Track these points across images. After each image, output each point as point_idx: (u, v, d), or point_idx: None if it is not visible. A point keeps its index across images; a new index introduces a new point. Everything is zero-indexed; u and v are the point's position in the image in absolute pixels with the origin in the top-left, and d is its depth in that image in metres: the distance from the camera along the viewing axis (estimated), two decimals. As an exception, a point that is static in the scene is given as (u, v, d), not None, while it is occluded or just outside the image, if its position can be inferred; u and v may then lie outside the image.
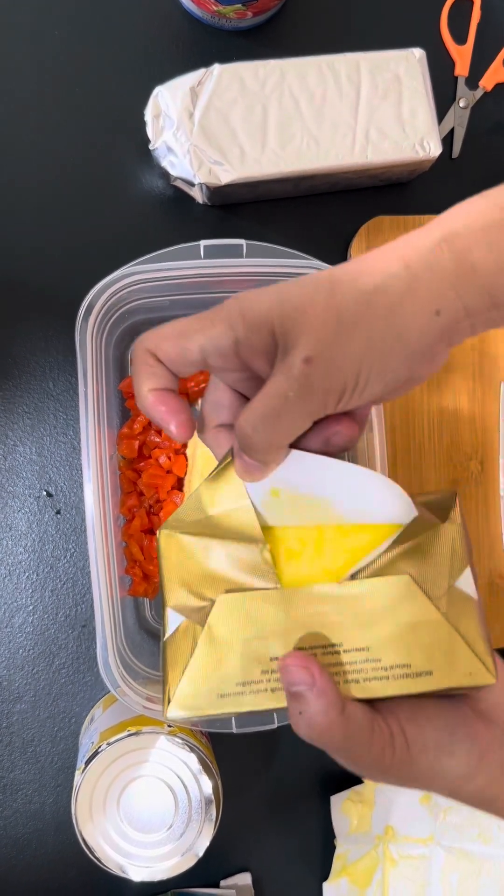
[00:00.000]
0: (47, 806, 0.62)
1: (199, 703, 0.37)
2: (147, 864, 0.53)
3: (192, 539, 0.39)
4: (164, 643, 0.38)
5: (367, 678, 0.37)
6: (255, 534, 0.39)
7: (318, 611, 0.38)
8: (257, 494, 0.39)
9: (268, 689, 0.37)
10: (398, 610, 0.38)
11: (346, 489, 0.39)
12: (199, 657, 0.37)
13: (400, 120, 0.59)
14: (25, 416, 0.62)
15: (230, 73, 0.58)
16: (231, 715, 0.37)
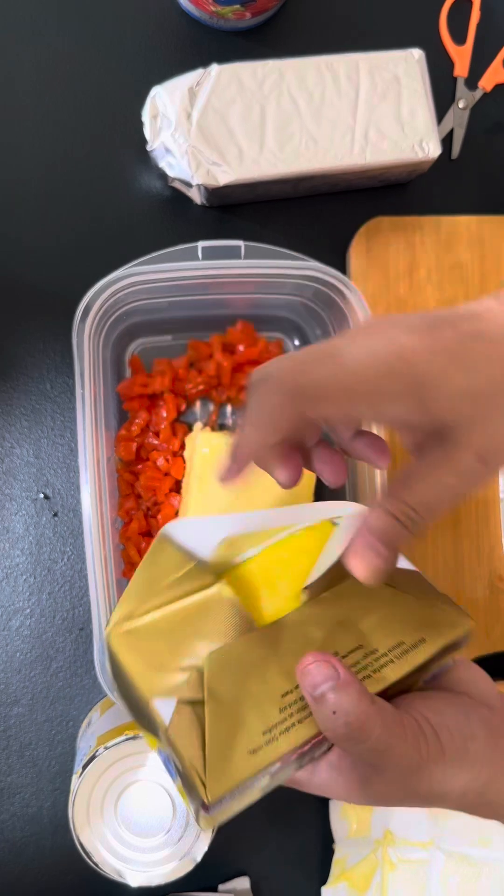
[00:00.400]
0: (45, 810, 0.61)
1: (236, 771, 0.34)
2: (145, 868, 0.53)
3: (147, 618, 0.37)
4: (167, 737, 0.35)
5: (375, 669, 0.37)
6: (207, 581, 0.38)
7: (301, 633, 0.38)
8: (206, 551, 0.38)
9: (294, 722, 0.36)
10: (367, 603, 0.39)
11: (289, 514, 0.40)
12: (214, 725, 0.35)
13: (399, 120, 0.59)
14: (23, 418, 0.62)
15: (228, 74, 0.58)
16: (272, 767, 0.35)
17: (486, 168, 0.67)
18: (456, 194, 0.66)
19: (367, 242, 0.63)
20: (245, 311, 0.62)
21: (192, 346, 0.61)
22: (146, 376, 0.61)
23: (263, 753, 0.35)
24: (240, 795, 0.35)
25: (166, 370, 0.61)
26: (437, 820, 0.61)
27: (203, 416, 0.63)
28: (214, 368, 0.61)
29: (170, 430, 0.60)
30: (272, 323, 0.63)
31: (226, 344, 0.61)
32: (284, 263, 0.54)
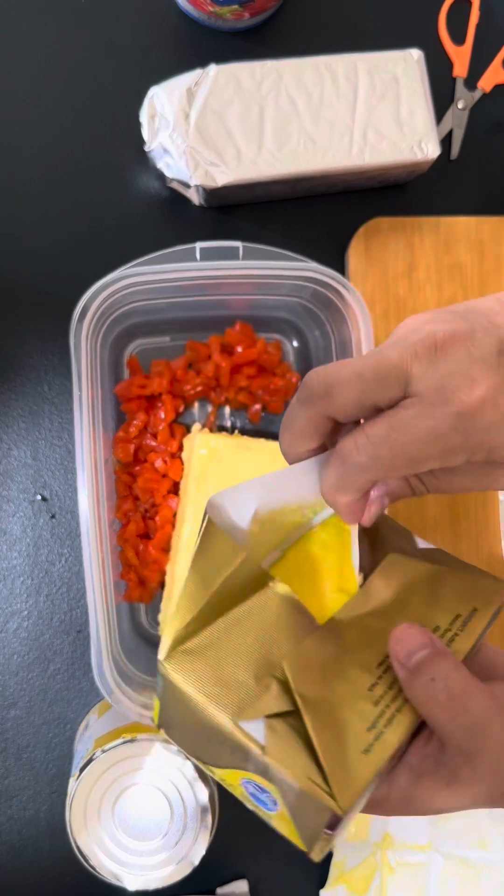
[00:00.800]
0: (42, 813, 0.61)
1: (358, 774, 0.32)
2: (142, 872, 0.53)
3: (205, 633, 0.34)
4: (264, 761, 0.32)
5: (446, 644, 0.36)
6: (261, 578, 0.35)
7: (361, 625, 0.37)
8: (240, 534, 0.36)
9: (394, 711, 0.34)
10: (411, 584, 0.38)
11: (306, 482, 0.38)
12: (320, 733, 0.32)
13: (398, 121, 0.59)
14: (20, 420, 0.62)
15: (226, 74, 0.58)
16: (384, 766, 0.33)
17: (486, 169, 0.66)
18: (455, 195, 0.66)
19: (365, 243, 0.63)
20: (243, 312, 0.61)
21: (191, 347, 0.61)
22: (144, 377, 0.61)
23: (377, 750, 0.33)
24: (361, 801, 0.33)
25: (164, 371, 0.60)
26: (436, 823, 0.60)
27: (201, 417, 0.62)
28: (213, 369, 0.60)
29: (168, 431, 0.60)
30: (271, 324, 0.63)
31: (224, 345, 0.61)
32: (283, 264, 0.54)
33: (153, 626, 0.61)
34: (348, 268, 0.63)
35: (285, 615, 0.35)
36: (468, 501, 0.63)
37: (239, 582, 0.35)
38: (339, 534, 0.39)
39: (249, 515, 0.36)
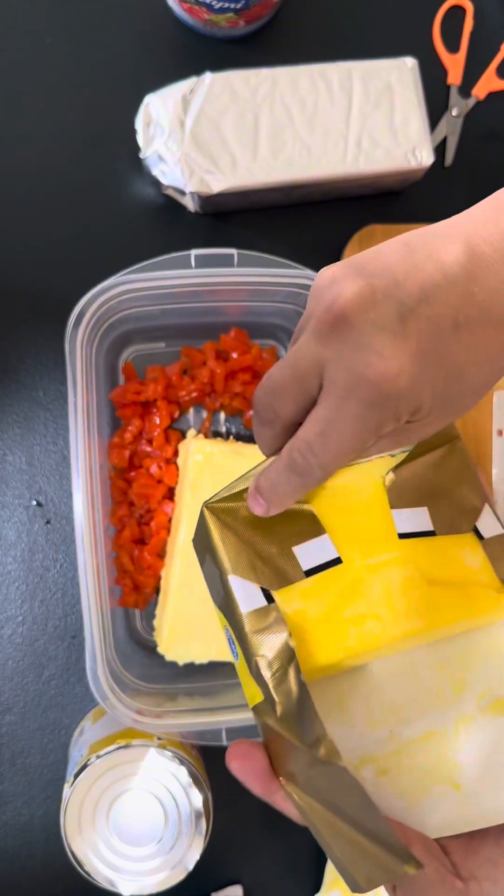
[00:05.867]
0: (36, 818, 0.61)
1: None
2: (136, 877, 0.53)
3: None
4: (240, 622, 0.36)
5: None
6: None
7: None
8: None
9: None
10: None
11: None
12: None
13: (392, 128, 0.59)
14: (15, 426, 0.62)
15: (222, 82, 0.58)
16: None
17: (480, 176, 0.67)
18: (449, 202, 0.66)
19: (360, 250, 0.63)
20: (238, 318, 0.62)
21: (186, 354, 0.61)
22: (139, 383, 0.61)
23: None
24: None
25: (159, 377, 0.61)
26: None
27: (196, 423, 0.63)
28: (208, 375, 0.61)
29: (163, 437, 0.60)
30: (265, 330, 0.63)
31: (219, 351, 0.61)
32: (277, 271, 0.54)
33: (148, 631, 0.61)
34: (343, 274, 0.64)
35: (305, 522, 0.38)
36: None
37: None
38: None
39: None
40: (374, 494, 0.39)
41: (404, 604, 0.37)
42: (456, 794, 0.37)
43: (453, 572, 0.39)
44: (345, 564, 0.38)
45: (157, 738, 0.53)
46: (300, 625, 0.37)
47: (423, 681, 0.38)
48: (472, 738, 0.38)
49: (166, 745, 0.53)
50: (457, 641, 0.38)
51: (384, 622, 0.37)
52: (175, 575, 0.57)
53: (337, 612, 0.37)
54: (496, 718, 0.38)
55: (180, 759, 0.53)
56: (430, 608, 0.38)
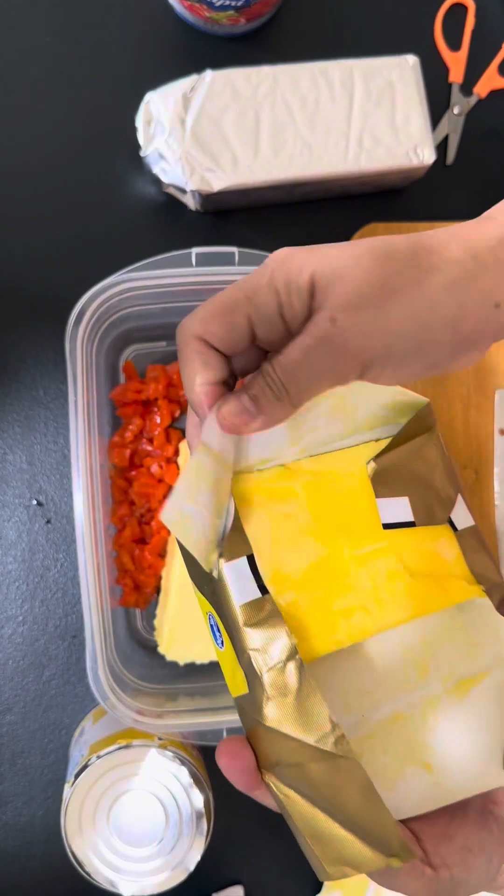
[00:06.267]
0: (37, 819, 0.61)
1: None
2: (137, 878, 0.53)
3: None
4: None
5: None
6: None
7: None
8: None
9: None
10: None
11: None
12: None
13: (393, 127, 0.59)
14: (15, 425, 0.62)
15: (222, 80, 0.58)
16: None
17: (481, 174, 0.67)
18: (451, 200, 0.66)
19: (361, 248, 0.63)
20: (239, 317, 0.61)
21: (186, 353, 0.61)
22: (140, 382, 0.61)
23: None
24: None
25: (160, 376, 0.60)
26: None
27: (197, 422, 0.62)
28: (208, 375, 0.60)
29: (164, 436, 0.60)
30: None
31: (220, 350, 0.61)
32: (278, 270, 0.54)
33: (148, 631, 0.61)
34: (344, 273, 0.64)
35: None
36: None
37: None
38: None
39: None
40: (360, 482, 0.40)
41: (389, 596, 0.38)
42: (428, 775, 0.38)
43: (431, 564, 0.40)
44: (334, 555, 0.38)
45: (157, 739, 0.53)
46: (294, 616, 0.37)
47: (389, 664, 0.38)
48: (439, 719, 0.38)
49: (167, 746, 0.53)
50: (418, 623, 0.39)
51: (371, 614, 0.38)
52: (176, 575, 0.57)
53: (327, 603, 0.37)
54: (461, 698, 0.39)
55: (181, 759, 0.52)
56: (412, 599, 0.38)
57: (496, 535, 0.63)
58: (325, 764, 0.33)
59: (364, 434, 0.41)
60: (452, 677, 0.39)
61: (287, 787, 0.34)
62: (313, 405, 0.39)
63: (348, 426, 0.41)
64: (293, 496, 0.39)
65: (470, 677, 0.39)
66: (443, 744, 0.38)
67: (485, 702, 0.39)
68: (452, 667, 0.39)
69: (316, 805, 0.34)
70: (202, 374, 0.35)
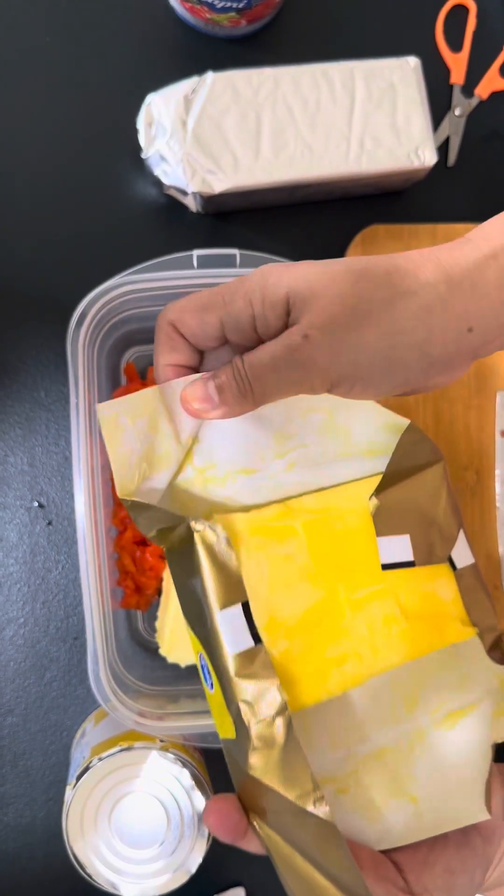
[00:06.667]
0: (38, 821, 0.61)
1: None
2: (139, 880, 0.53)
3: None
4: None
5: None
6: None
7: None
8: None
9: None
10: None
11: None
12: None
13: (395, 128, 0.59)
14: (16, 426, 0.62)
15: (224, 81, 0.58)
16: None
17: (483, 175, 0.67)
18: (452, 202, 0.66)
19: (362, 250, 0.63)
20: (240, 318, 0.61)
21: (188, 354, 0.61)
22: (141, 384, 0.61)
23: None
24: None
25: (161, 378, 0.60)
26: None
27: (198, 424, 0.62)
28: (210, 376, 0.60)
29: (165, 438, 0.60)
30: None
31: (221, 352, 0.61)
32: (280, 272, 0.54)
33: (150, 633, 0.61)
34: (345, 274, 0.63)
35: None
36: (464, 511, 0.63)
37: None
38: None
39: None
40: (362, 519, 0.40)
41: (383, 641, 0.38)
42: (413, 807, 0.38)
43: (428, 605, 0.40)
44: (330, 599, 0.38)
45: (159, 741, 0.53)
46: (285, 665, 0.37)
47: (379, 701, 0.38)
48: (425, 751, 0.38)
49: (168, 748, 0.53)
50: (412, 665, 0.39)
51: (363, 661, 0.38)
52: (177, 576, 0.57)
53: (320, 651, 0.37)
54: (448, 731, 0.39)
55: (182, 761, 0.52)
56: (406, 643, 0.39)
57: (497, 537, 0.63)
58: (303, 819, 0.33)
59: (365, 462, 0.41)
60: (441, 710, 0.39)
61: (270, 828, 0.35)
62: (299, 419, 0.39)
63: (344, 446, 0.40)
64: (293, 535, 0.39)
65: (459, 709, 0.39)
66: (428, 776, 0.38)
67: (470, 735, 0.39)
68: (442, 700, 0.39)
69: (296, 849, 0.34)
70: (167, 355, 0.38)
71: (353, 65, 0.59)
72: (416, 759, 0.38)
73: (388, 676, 0.38)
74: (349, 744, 0.37)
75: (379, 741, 0.38)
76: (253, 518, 0.39)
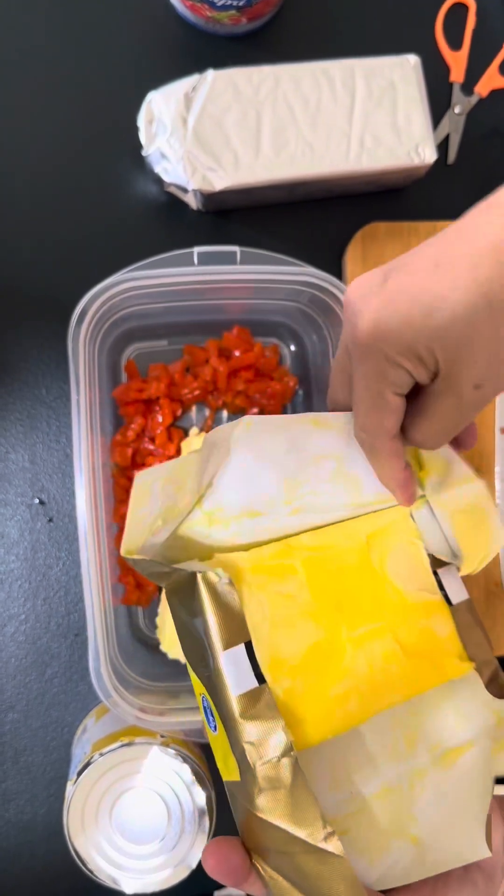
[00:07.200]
0: (39, 817, 0.61)
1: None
2: (139, 875, 0.53)
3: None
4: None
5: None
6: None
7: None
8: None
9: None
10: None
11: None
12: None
13: (395, 126, 0.59)
14: (17, 423, 0.62)
15: (224, 79, 0.58)
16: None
17: (483, 173, 0.67)
18: (452, 199, 0.66)
19: (362, 248, 0.63)
20: (241, 316, 0.62)
21: (188, 352, 0.61)
22: (142, 381, 0.61)
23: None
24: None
25: (162, 375, 0.60)
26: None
27: (199, 421, 0.63)
28: (210, 373, 0.60)
29: (165, 435, 0.60)
30: (268, 328, 0.63)
31: (222, 349, 0.61)
32: (280, 269, 0.54)
33: (151, 629, 0.61)
34: (345, 273, 0.64)
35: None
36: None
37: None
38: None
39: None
40: (360, 556, 0.40)
41: (384, 679, 0.38)
42: (414, 848, 0.38)
43: (426, 642, 0.40)
44: (332, 637, 0.38)
45: (160, 736, 0.53)
46: (290, 704, 0.37)
47: (379, 740, 0.38)
48: (426, 790, 0.38)
49: (169, 743, 0.53)
50: (412, 702, 0.39)
51: (365, 699, 0.38)
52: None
53: (324, 690, 0.37)
54: (447, 770, 0.39)
55: (183, 756, 0.53)
56: (405, 681, 0.39)
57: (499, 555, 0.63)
58: (314, 856, 0.33)
59: (367, 509, 0.41)
60: (440, 747, 0.39)
61: (274, 870, 0.35)
62: (312, 466, 0.40)
63: (354, 497, 0.41)
64: (293, 574, 0.39)
65: (457, 747, 0.39)
66: (428, 815, 0.38)
67: (470, 772, 0.39)
68: (440, 738, 0.39)
69: (301, 891, 0.34)
70: (399, 462, 0.39)
71: (354, 63, 0.59)
72: (416, 799, 0.38)
73: (388, 715, 0.38)
74: (352, 786, 0.37)
75: (380, 781, 0.38)
76: (253, 557, 0.39)
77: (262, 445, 0.39)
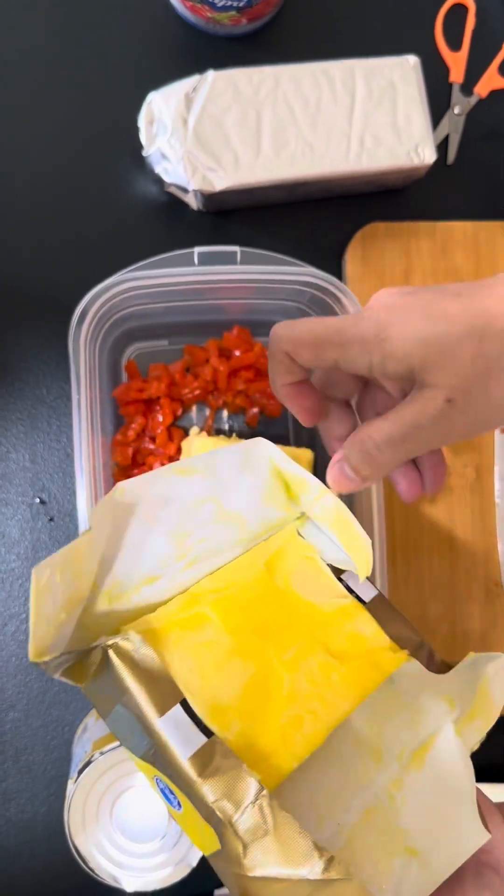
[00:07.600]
0: (40, 815, 0.61)
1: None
2: (140, 874, 0.53)
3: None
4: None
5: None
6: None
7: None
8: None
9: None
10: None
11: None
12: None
13: (395, 126, 0.59)
14: (18, 423, 0.62)
15: (224, 80, 0.58)
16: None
17: (482, 173, 0.67)
18: (451, 200, 0.66)
19: (362, 248, 0.63)
20: (241, 316, 0.62)
21: (189, 351, 0.61)
22: (142, 381, 0.61)
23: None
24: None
25: (162, 375, 0.61)
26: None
27: (199, 420, 0.63)
28: (210, 373, 0.61)
29: (166, 434, 0.60)
30: (268, 328, 0.62)
31: (222, 349, 0.61)
32: (280, 269, 0.54)
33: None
34: (345, 272, 0.64)
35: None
36: (464, 508, 0.63)
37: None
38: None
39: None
40: (265, 586, 0.40)
41: (328, 691, 0.38)
42: (416, 860, 0.37)
43: (355, 645, 0.40)
44: (264, 668, 0.38)
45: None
46: (246, 746, 0.36)
47: (346, 760, 0.38)
48: (406, 798, 0.38)
49: (170, 742, 0.53)
50: (360, 710, 0.39)
51: (317, 716, 0.37)
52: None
53: (275, 720, 0.37)
54: (420, 770, 0.39)
55: (184, 755, 0.53)
56: (349, 687, 0.39)
57: (496, 534, 0.63)
58: (325, 892, 0.32)
59: (258, 541, 0.41)
60: (406, 752, 0.39)
61: None
62: (192, 512, 0.39)
63: (240, 533, 0.41)
64: (206, 620, 0.38)
65: (422, 745, 0.39)
66: (417, 823, 0.37)
67: (443, 764, 0.38)
68: (402, 742, 0.39)
69: None
70: (284, 377, 0.40)
71: (354, 63, 0.59)
72: (399, 810, 0.37)
73: (344, 731, 0.38)
74: (335, 816, 0.37)
75: (361, 804, 0.37)
76: (161, 616, 0.38)
77: (139, 509, 0.38)
